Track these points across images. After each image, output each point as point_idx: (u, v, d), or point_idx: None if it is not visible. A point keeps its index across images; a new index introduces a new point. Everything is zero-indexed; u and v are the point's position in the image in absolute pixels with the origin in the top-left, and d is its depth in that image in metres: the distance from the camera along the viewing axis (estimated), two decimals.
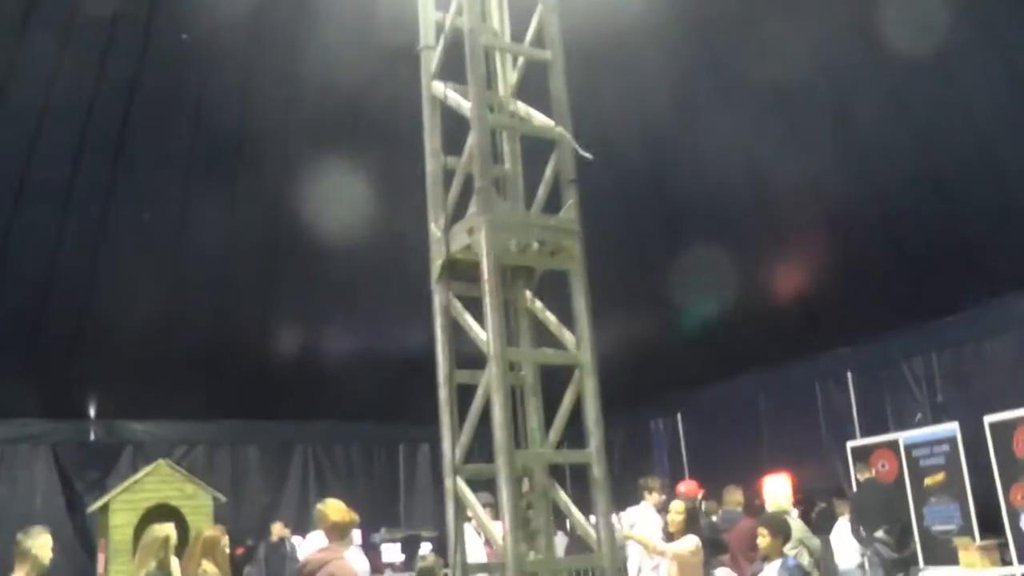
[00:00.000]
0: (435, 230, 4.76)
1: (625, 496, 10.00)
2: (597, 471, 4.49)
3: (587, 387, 4.55)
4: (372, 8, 10.41)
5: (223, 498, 9.47)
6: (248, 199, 12.06)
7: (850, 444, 12.32)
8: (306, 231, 12.30)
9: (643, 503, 9.49)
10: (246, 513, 13.99)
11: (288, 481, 15.22)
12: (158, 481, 9.06)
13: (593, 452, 4.50)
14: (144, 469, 9.30)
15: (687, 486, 10.44)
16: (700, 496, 11.76)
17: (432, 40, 4.95)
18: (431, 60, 4.93)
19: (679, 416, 15.90)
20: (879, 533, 9.69)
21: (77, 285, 11.88)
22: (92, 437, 13.62)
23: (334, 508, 6.51)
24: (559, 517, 5.24)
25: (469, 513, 4.75)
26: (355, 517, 6.64)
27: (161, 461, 9.09)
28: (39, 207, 11.17)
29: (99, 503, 9.45)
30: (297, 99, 11.41)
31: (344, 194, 11.76)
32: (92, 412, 13.60)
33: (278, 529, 13.17)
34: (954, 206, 10.60)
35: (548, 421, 4.74)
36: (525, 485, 4.72)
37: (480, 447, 4.52)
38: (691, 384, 14.87)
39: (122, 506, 8.97)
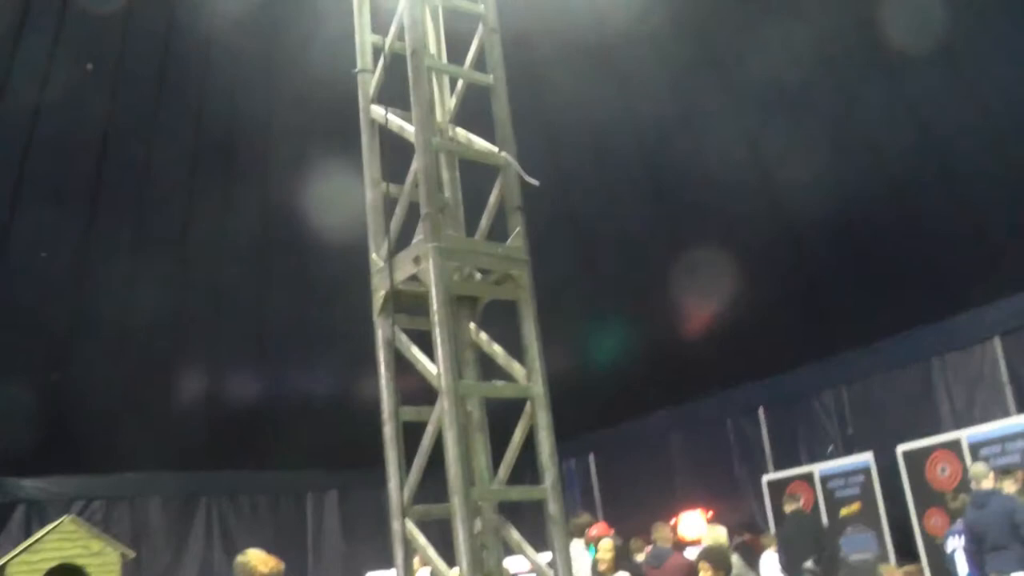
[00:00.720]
0: (377, 260, 4.55)
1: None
2: (553, 507, 4.32)
3: (540, 420, 4.40)
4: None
5: (132, 553, 8.92)
6: None
7: (766, 478, 12.41)
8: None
9: (574, 542, 9.32)
10: (148, 571, 13.32)
11: (191, 535, 14.59)
12: (60, 539, 8.40)
13: (549, 488, 4.32)
14: (46, 527, 8.67)
15: (598, 529, 10.33)
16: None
17: (369, 63, 4.77)
18: (368, 84, 4.75)
19: (591, 456, 15.82)
20: (807, 564, 9.74)
21: None
22: None
23: (259, 559, 6.25)
24: None
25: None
26: (281, 566, 6.36)
27: (66, 517, 8.49)
28: None
29: None
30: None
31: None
32: None
33: None
34: (862, 241, 10.82)
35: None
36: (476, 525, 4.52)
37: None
38: (603, 424, 14.83)
39: (20, 569, 8.29)
